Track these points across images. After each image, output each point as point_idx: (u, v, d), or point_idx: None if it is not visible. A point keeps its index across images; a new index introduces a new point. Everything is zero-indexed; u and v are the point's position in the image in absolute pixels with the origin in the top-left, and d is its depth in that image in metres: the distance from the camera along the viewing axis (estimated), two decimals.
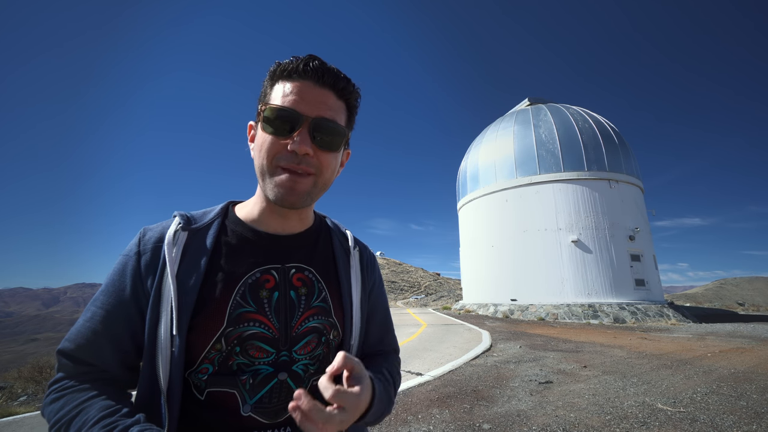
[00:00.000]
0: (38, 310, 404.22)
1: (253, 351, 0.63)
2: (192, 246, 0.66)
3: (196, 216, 0.72)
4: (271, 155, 0.63)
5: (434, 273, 65.36)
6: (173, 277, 0.62)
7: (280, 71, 0.65)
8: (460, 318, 15.26)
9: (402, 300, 38.97)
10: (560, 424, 3.34)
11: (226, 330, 0.62)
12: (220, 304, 0.63)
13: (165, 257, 0.63)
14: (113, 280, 0.64)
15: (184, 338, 0.60)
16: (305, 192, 0.65)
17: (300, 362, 0.67)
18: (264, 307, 0.65)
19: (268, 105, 0.63)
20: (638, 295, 15.55)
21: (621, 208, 16.82)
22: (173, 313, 0.60)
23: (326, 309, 0.71)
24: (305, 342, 0.68)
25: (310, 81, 0.64)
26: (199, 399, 0.62)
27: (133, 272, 0.64)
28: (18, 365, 7.99)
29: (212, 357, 0.62)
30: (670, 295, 29.93)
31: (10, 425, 3.81)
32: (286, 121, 0.62)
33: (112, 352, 0.61)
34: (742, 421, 3.34)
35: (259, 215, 0.73)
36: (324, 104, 0.64)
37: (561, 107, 19.82)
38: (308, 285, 0.71)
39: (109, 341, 0.61)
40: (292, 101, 0.63)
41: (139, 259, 0.65)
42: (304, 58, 0.64)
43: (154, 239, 0.67)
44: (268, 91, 0.66)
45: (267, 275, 0.68)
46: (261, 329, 0.64)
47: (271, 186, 0.65)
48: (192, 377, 0.62)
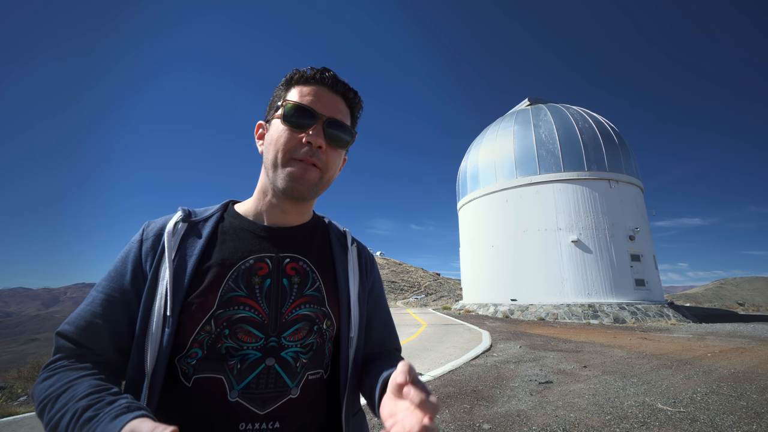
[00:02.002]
0: (38, 310, 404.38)
1: (241, 335, 0.64)
2: (190, 235, 0.71)
3: (197, 211, 0.77)
4: (288, 147, 0.69)
5: (434, 273, 65.37)
6: (170, 261, 0.65)
7: (298, 77, 0.73)
8: (460, 318, 15.27)
9: (402, 300, 38.96)
10: (560, 424, 3.34)
11: (216, 312, 0.64)
12: (212, 287, 0.65)
13: (164, 244, 0.68)
14: (116, 266, 0.68)
15: (176, 319, 0.62)
16: (313, 182, 0.71)
17: (290, 349, 0.67)
18: (255, 293, 0.67)
19: (288, 101, 0.70)
20: (638, 295, 15.55)
21: (621, 208, 16.83)
22: (168, 295, 0.62)
23: (319, 298, 0.73)
24: (295, 329, 0.68)
25: (325, 87, 0.73)
26: (187, 386, 0.63)
27: (135, 258, 0.68)
28: (18, 365, 7.99)
29: (201, 339, 0.63)
30: (670, 295, 29.94)
31: (10, 425, 3.81)
32: (304, 117, 0.69)
33: (108, 336, 0.63)
34: (742, 421, 3.34)
35: (260, 209, 0.77)
36: (336, 107, 0.73)
37: (561, 107, 19.83)
38: (302, 274, 0.73)
39: (106, 325, 0.63)
40: (310, 101, 0.71)
41: (140, 246, 0.69)
42: (320, 69, 0.73)
43: (156, 229, 0.72)
44: (285, 93, 0.73)
45: (261, 263, 0.70)
46: (250, 313, 0.66)
47: (282, 175, 0.70)
48: (181, 363, 0.63)
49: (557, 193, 17.14)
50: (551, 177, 17.39)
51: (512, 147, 18.90)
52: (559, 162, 17.46)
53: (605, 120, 19.49)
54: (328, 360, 0.75)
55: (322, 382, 0.73)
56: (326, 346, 0.73)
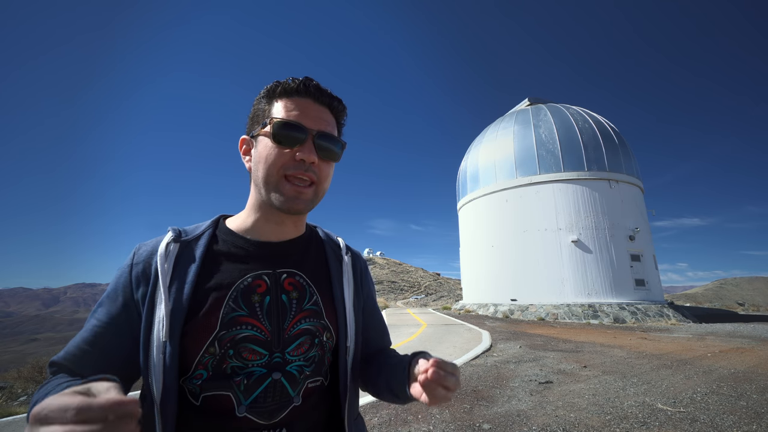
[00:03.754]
0: (38, 310, 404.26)
1: (246, 353, 0.65)
2: (183, 256, 0.69)
3: (188, 230, 0.75)
4: (279, 165, 0.68)
5: (434, 273, 65.36)
6: (165, 287, 0.64)
7: (281, 90, 0.71)
8: (460, 318, 15.25)
9: (402, 300, 38.96)
10: (560, 424, 3.34)
11: (219, 333, 0.64)
12: (213, 309, 0.65)
13: (158, 269, 0.66)
14: (108, 293, 0.68)
15: (176, 344, 0.62)
16: (309, 199, 0.71)
17: (294, 363, 0.68)
18: (256, 311, 0.67)
19: (276, 119, 0.68)
20: (638, 295, 15.55)
21: (621, 208, 16.83)
22: (164, 321, 0.62)
23: (318, 312, 0.73)
24: (298, 343, 0.69)
25: (310, 99, 0.71)
26: (195, 404, 0.63)
27: (125, 285, 0.67)
28: (18, 365, 7.99)
29: (206, 361, 0.63)
30: (670, 295, 29.94)
31: (10, 425, 3.82)
32: (294, 133, 0.68)
33: (98, 363, 0.63)
34: (742, 421, 3.34)
35: (253, 224, 0.75)
36: (323, 120, 0.72)
37: (561, 107, 19.83)
38: (299, 289, 0.73)
39: (96, 352, 0.64)
40: (297, 116, 0.69)
41: (131, 272, 0.68)
42: (302, 79, 0.71)
43: (146, 253, 0.70)
44: (268, 107, 0.71)
45: (259, 280, 0.70)
46: (253, 332, 0.66)
47: (277, 194, 0.69)
48: (187, 384, 0.64)
49: (557, 193, 17.14)
50: (551, 177, 17.39)
51: (512, 147, 18.90)
52: (559, 162, 17.45)
53: (605, 120, 19.49)
54: (327, 368, 0.76)
55: (323, 389, 0.75)
56: (326, 356, 0.75)
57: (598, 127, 18.34)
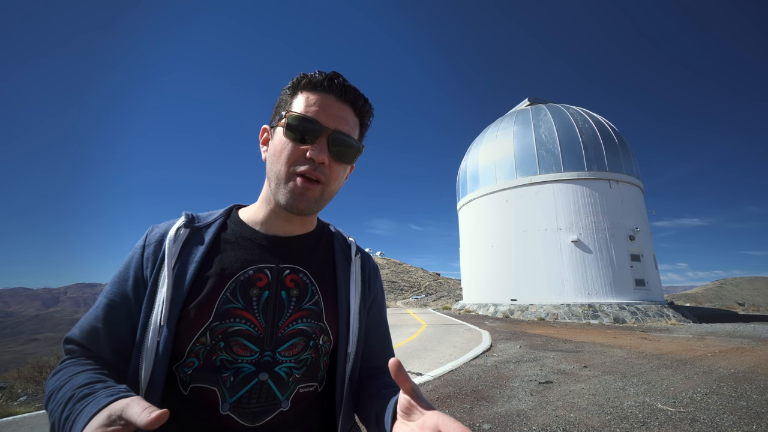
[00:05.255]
0: (38, 310, 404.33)
1: (236, 348, 0.63)
2: (191, 242, 0.70)
3: (201, 216, 0.75)
4: (290, 161, 0.66)
5: (434, 273, 65.38)
6: (169, 270, 0.64)
7: (305, 83, 0.68)
8: (460, 318, 15.25)
9: (402, 300, 38.97)
10: (560, 424, 3.34)
11: (212, 324, 0.63)
12: (209, 298, 0.64)
13: (165, 251, 0.66)
14: (119, 272, 0.68)
15: (173, 329, 0.61)
16: (314, 199, 0.68)
17: (284, 364, 0.66)
18: (252, 305, 0.66)
19: (292, 113, 0.66)
20: (638, 295, 15.55)
21: (621, 208, 16.83)
22: (164, 304, 0.62)
23: (317, 312, 0.71)
24: (291, 344, 0.67)
25: (333, 95, 0.68)
26: (183, 394, 0.63)
27: (136, 264, 0.68)
28: (18, 365, 7.99)
29: (197, 350, 0.63)
30: (670, 295, 29.94)
31: (10, 425, 3.81)
32: (308, 130, 0.65)
33: (108, 340, 0.64)
34: (742, 421, 3.34)
35: (263, 217, 0.74)
36: (343, 119, 0.68)
37: (561, 107, 19.82)
38: (301, 287, 0.71)
39: (107, 328, 0.64)
40: (315, 112, 0.66)
41: (143, 252, 0.69)
42: (329, 74, 0.67)
43: (158, 235, 0.71)
44: (290, 99, 0.69)
45: (260, 273, 0.69)
46: (246, 326, 0.64)
47: (284, 191, 0.67)
48: (179, 371, 0.63)
49: (557, 193, 17.13)
50: (551, 177, 17.38)
51: (512, 147, 18.89)
52: (559, 162, 17.45)
53: (605, 120, 19.49)
54: (323, 374, 0.73)
55: (316, 396, 0.72)
56: (322, 361, 0.72)
57: (598, 127, 18.34)
